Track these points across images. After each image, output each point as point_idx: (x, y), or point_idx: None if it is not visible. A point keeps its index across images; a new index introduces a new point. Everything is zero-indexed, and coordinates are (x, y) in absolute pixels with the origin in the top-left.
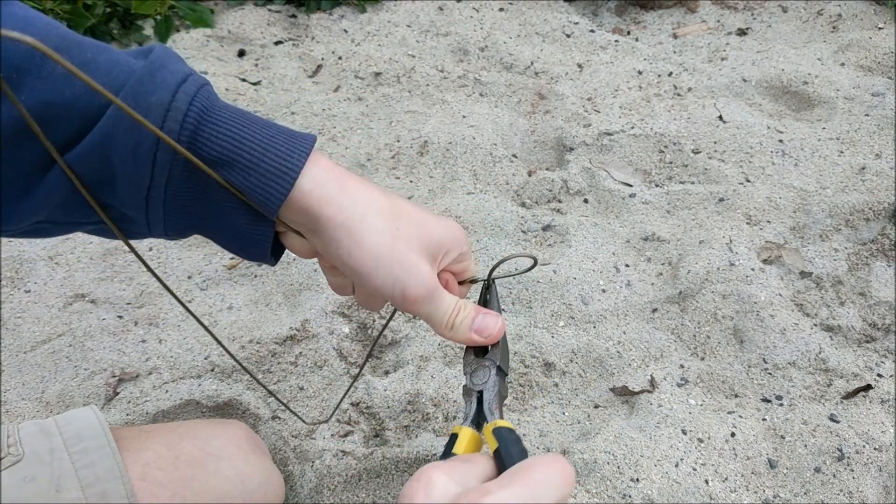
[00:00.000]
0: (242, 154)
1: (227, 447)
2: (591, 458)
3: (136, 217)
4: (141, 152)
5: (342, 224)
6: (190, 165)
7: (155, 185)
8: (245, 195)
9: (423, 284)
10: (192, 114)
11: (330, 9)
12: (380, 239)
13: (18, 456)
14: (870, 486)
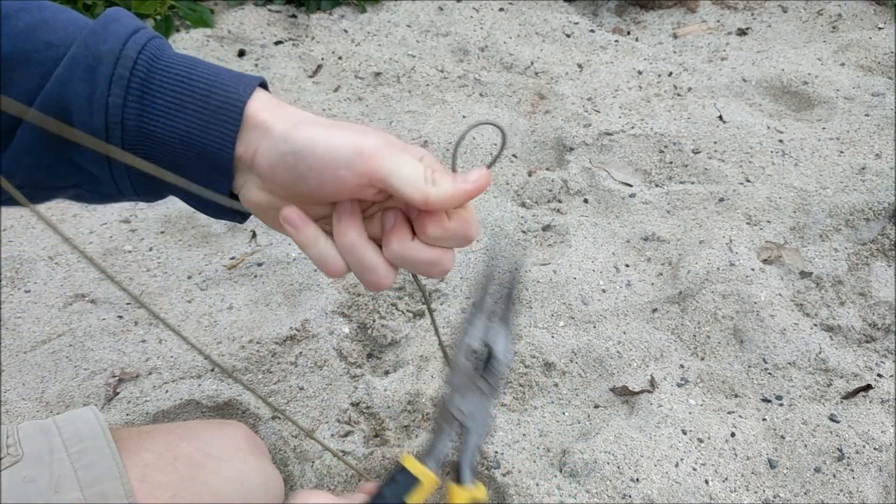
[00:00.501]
0: (193, 95)
1: (227, 448)
2: (591, 458)
3: (102, 176)
4: (95, 97)
5: (280, 118)
6: (142, 113)
7: (112, 135)
8: (198, 137)
9: (378, 136)
10: (142, 61)
11: (330, 9)
12: (321, 125)
13: (18, 456)
14: (870, 486)
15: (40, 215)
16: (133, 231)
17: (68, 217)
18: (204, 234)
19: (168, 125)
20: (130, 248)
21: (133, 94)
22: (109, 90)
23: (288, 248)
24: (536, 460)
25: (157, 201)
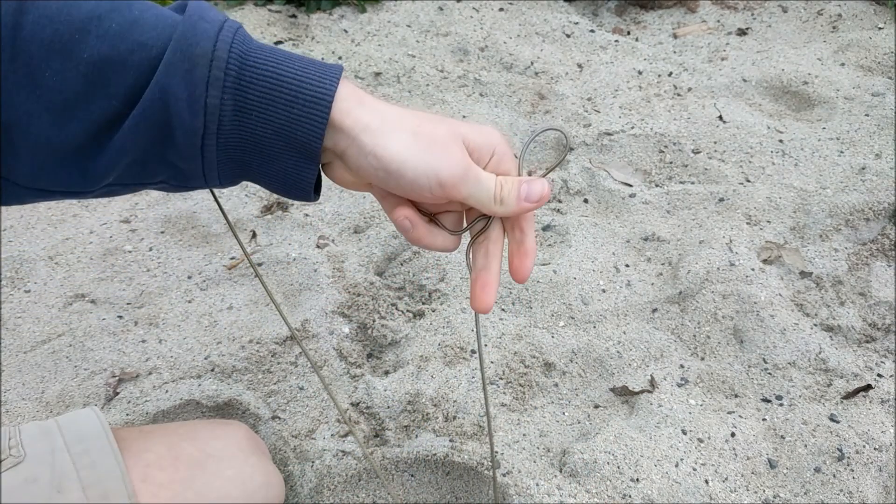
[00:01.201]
0: (282, 90)
1: (228, 448)
2: (591, 458)
3: (192, 169)
4: (194, 99)
5: (365, 128)
6: (237, 111)
7: (208, 133)
8: (289, 130)
9: (457, 164)
10: (233, 60)
11: (330, 9)
12: (403, 135)
13: (20, 457)
14: (870, 486)
15: (237, 238)
16: (133, 231)
17: (68, 217)
18: (204, 234)
19: (261, 118)
20: (130, 248)
21: (228, 94)
22: (207, 92)
23: (288, 248)
24: (536, 460)
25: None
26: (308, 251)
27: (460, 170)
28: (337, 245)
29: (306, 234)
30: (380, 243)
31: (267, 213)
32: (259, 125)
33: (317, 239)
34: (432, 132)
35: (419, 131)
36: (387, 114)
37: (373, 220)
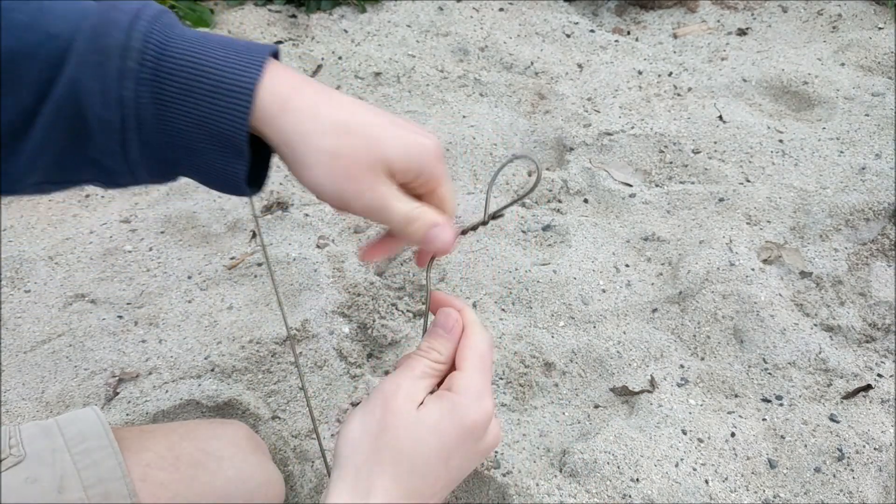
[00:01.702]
0: (203, 80)
1: (228, 448)
2: (591, 458)
3: (117, 167)
4: (108, 92)
5: (285, 143)
6: (156, 103)
7: (127, 128)
8: (212, 123)
9: (368, 200)
10: (149, 50)
11: (330, 9)
12: (320, 158)
13: (20, 457)
14: (870, 486)
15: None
16: (133, 231)
17: (68, 217)
18: (204, 234)
19: (181, 111)
20: (130, 248)
21: (144, 86)
22: (121, 85)
23: (288, 248)
24: (536, 460)
25: (168, 183)
26: (308, 251)
27: (369, 206)
28: (337, 245)
29: (306, 234)
30: None
31: (267, 213)
32: (180, 118)
33: (317, 239)
34: (350, 158)
35: (338, 155)
36: (308, 128)
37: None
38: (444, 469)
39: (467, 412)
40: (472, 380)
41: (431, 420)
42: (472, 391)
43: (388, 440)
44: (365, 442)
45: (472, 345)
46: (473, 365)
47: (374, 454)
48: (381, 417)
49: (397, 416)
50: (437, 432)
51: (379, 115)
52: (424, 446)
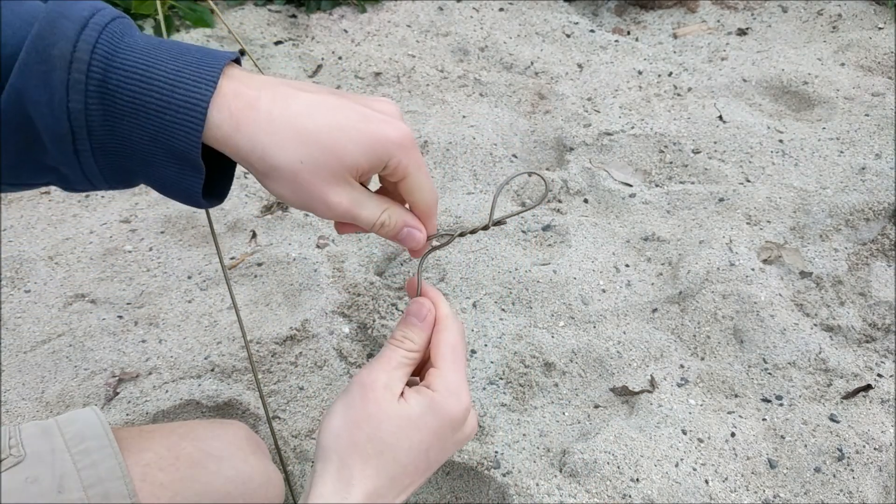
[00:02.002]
0: (153, 94)
1: (228, 448)
2: (591, 458)
3: (74, 175)
4: (55, 104)
5: (243, 161)
6: (106, 116)
7: (78, 139)
8: (164, 138)
9: (330, 212)
10: (96, 61)
11: (330, 9)
12: (281, 174)
13: (20, 457)
14: (870, 486)
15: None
16: (133, 231)
17: (68, 217)
18: (204, 234)
19: (133, 124)
20: (130, 248)
21: (93, 98)
22: (69, 96)
23: (288, 248)
24: (536, 460)
25: (129, 188)
26: (308, 251)
27: (333, 215)
28: (337, 245)
29: (306, 234)
30: (380, 243)
31: (267, 213)
32: (134, 131)
33: (317, 239)
34: (311, 172)
35: (298, 171)
36: (267, 146)
37: None
38: (423, 460)
39: (447, 408)
40: (449, 377)
41: (413, 414)
42: (450, 388)
43: (371, 431)
44: (347, 433)
45: (445, 340)
46: (447, 361)
47: (356, 445)
48: (361, 408)
49: (378, 407)
50: (418, 427)
51: (339, 111)
52: (406, 439)
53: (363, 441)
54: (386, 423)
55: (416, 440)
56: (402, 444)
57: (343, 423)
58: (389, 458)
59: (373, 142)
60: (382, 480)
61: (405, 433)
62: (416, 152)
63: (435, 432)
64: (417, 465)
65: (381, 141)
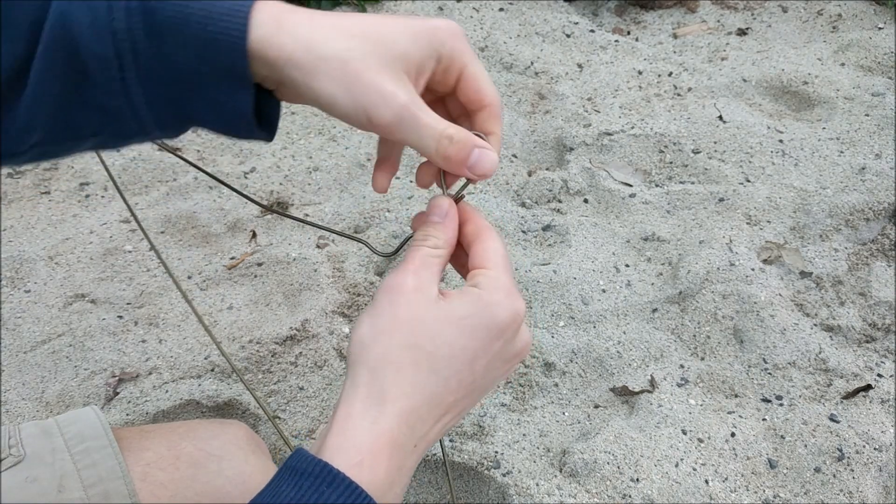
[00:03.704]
0: (193, 7)
1: (228, 447)
2: (591, 458)
3: (121, 108)
4: (99, 24)
5: (288, 62)
6: (149, 35)
7: (125, 63)
8: (209, 51)
9: (388, 107)
10: None
11: (330, 9)
12: (330, 66)
13: (20, 457)
14: (870, 487)
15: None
16: (133, 231)
17: (68, 217)
18: (204, 234)
19: (177, 41)
20: (131, 248)
21: (135, 15)
22: (111, 14)
23: (288, 248)
24: (536, 460)
25: (179, 136)
26: (308, 251)
27: (391, 114)
28: (337, 245)
29: (306, 234)
30: (380, 243)
31: (267, 213)
32: (177, 50)
33: (317, 239)
34: (362, 61)
35: (349, 59)
36: (312, 39)
37: (373, 220)
38: (468, 372)
39: (498, 309)
40: (501, 277)
41: (456, 315)
42: (502, 287)
43: (404, 337)
44: (375, 342)
45: (494, 247)
46: (498, 264)
47: (388, 354)
48: (390, 314)
49: (410, 310)
50: (461, 329)
51: (383, 18)
52: (446, 344)
53: (395, 349)
54: (421, 327)
55: (458, 346)
56: (441, 350)
57: (371, 331)
58: (427, 367)
59: (421, 30)
60: (421, 398)
61: (445, 337)
62: (466, 42)
63: (482, 339)
64: (462, 378)
65: (429, 29)
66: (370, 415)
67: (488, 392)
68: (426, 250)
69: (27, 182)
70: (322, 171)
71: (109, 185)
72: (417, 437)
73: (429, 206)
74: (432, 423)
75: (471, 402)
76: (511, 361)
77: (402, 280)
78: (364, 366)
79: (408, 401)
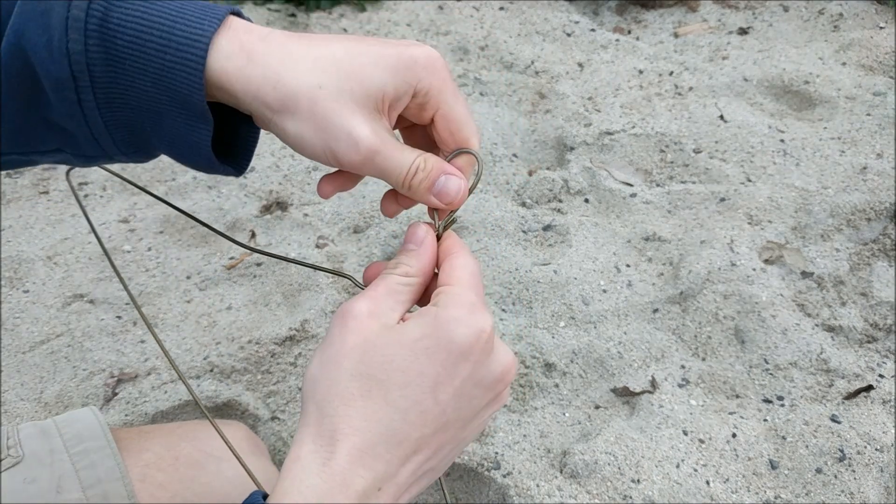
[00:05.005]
0: (153, 31)
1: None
2: (591, 459)
3: (81, 133)
4: (54, 45)
5: (255, 97)
6: (107, 59)
7: (81, 86)
8: (167, 80)
9: (356, 151)
10: (97, 1)
11: (330, 8)
12: (299, 105)
13: (18, 457)
14: (871, 487)
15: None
16: (132, 231)
17: (67, 217)
18: (203, 234)
19: (136, 67)
20: (129, 248)
21: (93, 38)
22: (67, 36)
23: (287, 248)
24: (537, 461)
25: (149, 161)
26: (307, 251)
27: (359, 155)
28: (336, 245)
29: (305, 234)
30: (379, 243)
31: (266, 213)
32: (136, 75)
33: (316, 239)
34: (333, 98)
35: (318, 97)
36: (282, 72)
37: (372, 220)
38: (431, 402)
39: (456, 326)
40: (463, 294)
41: (409, 337)
42: (462, 303)
43: (353, 366)
44: (324, 374)
45: (462, 263)
46: (462, 280)
47: (336, 386)
48: (340, 342)
49: (361, 336)
50: (416, 351)
51: (359, 42)
52: (399, 371)
53: (344, 380)
54: (371, 353)
55: (414, 372)
56: (394, 378)
57: (320, 363)
58: (380, 400)
59: (397, 62)
60: (376, 433)
61: (398, 363)
62: (447, 76)
63: (441, 362)
64: (424, 410)
65: (406, 61)
66: (320, 455)
67: (476, 426)
68: (395, 278)
69: (26, 182)
70: (321, 170)
71: (108, 186)
72: (380, 480)
73: (407, 232)
74: (398, 463)
75: (450, 438)
76: (493, 388)
77: (354, 305)
78: (312, 401)
79: (359, 437)
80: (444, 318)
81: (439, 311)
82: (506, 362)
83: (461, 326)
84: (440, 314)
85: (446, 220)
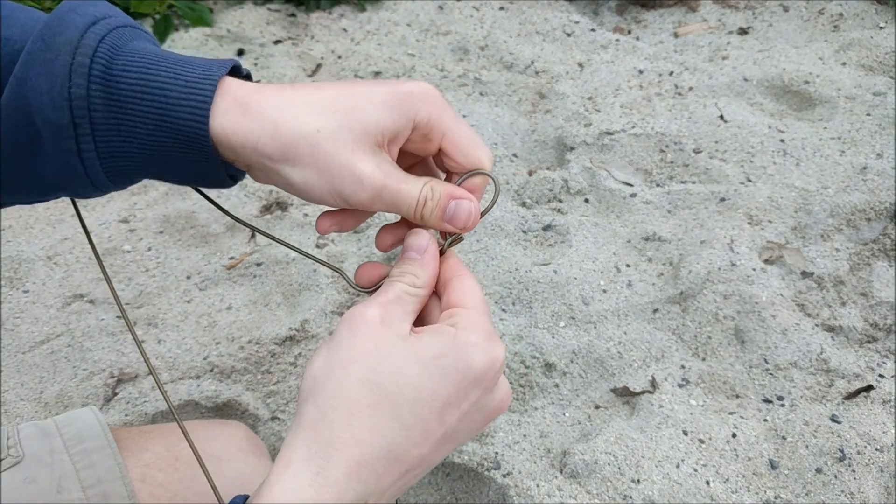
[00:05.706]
0: (160, 72)
1: (227, 448)
2: (591, 459)
3: (77, 185)
4: (56, 91)
5: (255, 149)
6: (109, 102)
7: (81, 133)
8: (171, 119)
9: (363, 189)
10: (102, 49)
11: (329, 8)
12: (300, 151)
13: (18, 457)
14: (871, 487)
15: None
16: (132, 231)
17: (67, 217)
18: (203, 234)
19: (136, 109)
20: (129, 248)
21: (96, 83)
22: (71, 81)
23: (287, 248)
24: (537, 461)
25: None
26: (307, 251)
27: (367, 194)
28: (336, 245)
29: (305, 234)
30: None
31: (266, 213)
32: (138, 118)
33: (316, 239)
34: (333, 140)
35: (318, 142)
36: (279, 120)
37: (372, 220)
38: (436, 422)
39: (475, 351)
40: (480, 319)
41: (427, 353)
42: (481, 329)
43: (363, 372)
44: (332, 375)
45: (473, 286)
46: (477, 304)
47: (341, 391)
48: (349, 346)
49: (373, 342)
50: (432, 369)
51: (352, 84)
52: (412, 386)
53: (351, 386)
54: (385, 362)
55: (427, 389)
56: (406, 392)
57: (326, 364)
58: (387, 414)
59: (393, 97)
60: (378, 449)
61: (412, 377)
62: (444, 104)
63: (455, 384)
64: (429, 429)
65: (401, 96)
66: (314, 464)
67: (453, 449)
68: (403, 286)
69: None
70: None
71: None
72: (369, 493)
73: (407, 239)
74: (390, 479)
75: (437, 458)
76: (490, 415)
77: (367, 311)
78: (313, 404)
79: (360, 450)
80: (463, 340)
81: (459, 333)
82: (506, 392)
83: (479, 353)
84: (460, 336)
85: (453, 238)
